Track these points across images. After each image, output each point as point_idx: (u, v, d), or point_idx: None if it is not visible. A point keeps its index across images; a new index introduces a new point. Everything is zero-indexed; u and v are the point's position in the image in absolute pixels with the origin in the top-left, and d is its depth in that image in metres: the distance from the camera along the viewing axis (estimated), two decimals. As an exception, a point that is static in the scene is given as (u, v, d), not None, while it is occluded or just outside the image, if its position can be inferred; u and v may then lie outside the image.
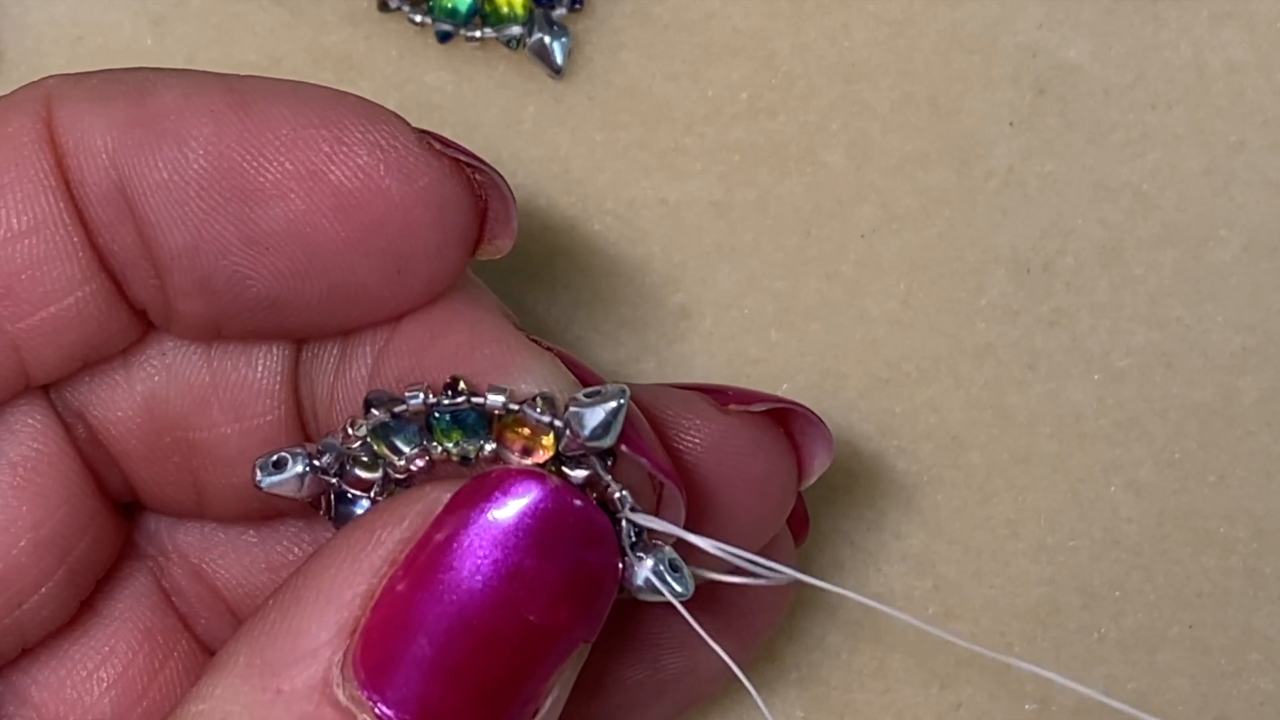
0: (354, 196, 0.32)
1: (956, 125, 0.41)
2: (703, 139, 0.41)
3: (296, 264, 0.32)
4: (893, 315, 0.41)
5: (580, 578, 0.31)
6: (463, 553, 0.30)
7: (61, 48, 0.41)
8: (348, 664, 0.30)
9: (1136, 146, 0.41)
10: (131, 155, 0.32)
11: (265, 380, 0.34)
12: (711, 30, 0.41)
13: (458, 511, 0.31)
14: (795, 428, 0.36)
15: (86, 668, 0.34)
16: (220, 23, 0.41)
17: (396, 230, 0.32)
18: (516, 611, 0.30)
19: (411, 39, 0.41)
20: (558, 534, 0.31)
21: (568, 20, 0.41)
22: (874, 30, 0.41)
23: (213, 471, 0.34)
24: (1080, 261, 0.41)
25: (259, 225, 0.32)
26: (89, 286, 0.32)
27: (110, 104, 0.32)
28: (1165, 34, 0.41)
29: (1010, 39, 0.41)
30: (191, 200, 0.32)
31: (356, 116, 0.32)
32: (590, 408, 0.31)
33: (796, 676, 0.41)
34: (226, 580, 0.36)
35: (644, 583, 0.32)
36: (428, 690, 0.30)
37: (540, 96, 0.41)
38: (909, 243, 0.41)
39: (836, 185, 0.41)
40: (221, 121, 0.32)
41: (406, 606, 0.30)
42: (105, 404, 0.34)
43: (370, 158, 0.32)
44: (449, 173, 0.32)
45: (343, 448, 0.32)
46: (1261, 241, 0.40)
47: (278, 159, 0.32)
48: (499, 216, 0.33)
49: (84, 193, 0.32)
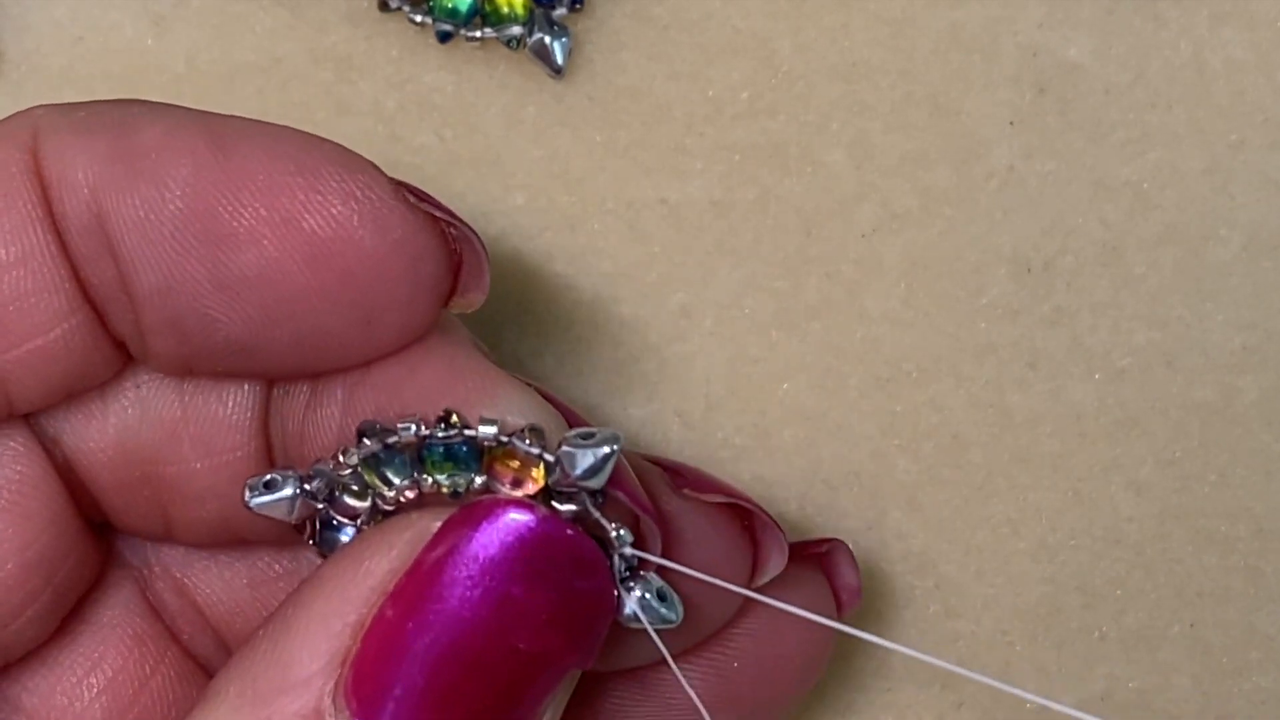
0: (326, 246, 0.32)
1: (957, 125, 0.41)
2: (703, 139, 0.41)
3: (266, 310, 0.32)
4: (893, 314, 0.41)
5: (572, 605, 0.31)
6: (452, 581, 0.30)
7: (62, 48, 0.41)
8: (339, 694, 0.30)
9: (1137, 146, 0.41)
10: (111, 190, 0.32)
11: (235, 416, 0.34)
12: (712, 30, 0.41)
13: (446, 540, 0.31)
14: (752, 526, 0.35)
15: (76, 674, 0.35)
16: (221, 23, 0.41)
17: (368, 281, 0.32)
18: (506, 640, 0.30)
19: (412, 39, 0.41)
20: (547, 562, 0.31)
21: (568, 20, 0.41)
22: (874, 30, 0.41)
23: (181, 505, 0.34)
24: (1081, 261, 0.41)
25: (230, 269, 0.32)
26: (74, 319, 0.32)
27: (93, 138, 0.32)
28: (1165, 33, 0.41)
29: (1011, 38, 0.41)
30: (165, 240, 0.32)
31: (333, 165, 0.32)
32: (582, 450, 0.31)
33: (797, 676, 0.41)
34: (208, 596, 0.36)
35: (633, 612, 0.32)
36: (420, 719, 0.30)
37: (540, 96, 0.41)
38: (909, 242, 0.41)
39: (837, 185, 0.41)
40: (200, 162, 0.32)
41: (397, 636, 0.30)
42: (79, 434, 0.34)
43: (344, 208, 0.32)
44: (423, 226, 0.32)
45: (334, 474, 0.32)
46: (1262, 240, 0.40)
47: (252, 204, 0.32)
48: (472, 270, 0.33)
49: (66, 225, 0.32)
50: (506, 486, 0.31)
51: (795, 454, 0.41)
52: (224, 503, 0.34)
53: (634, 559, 0.32)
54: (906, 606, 0.40)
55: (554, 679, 0.31)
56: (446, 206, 0.33)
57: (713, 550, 0.34)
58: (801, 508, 0.41)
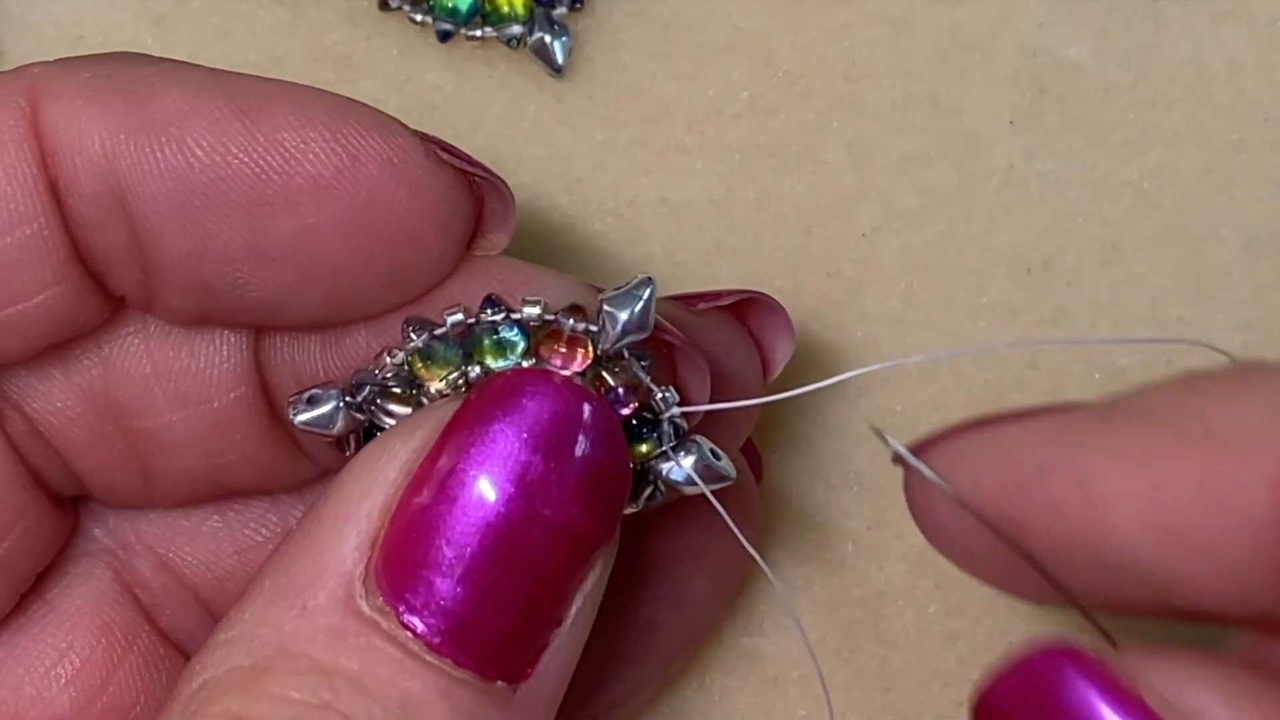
0: (363, 211, 0.32)
1: (957, 124, 0.41)
2: (703, 138, 0.41)
3: (300, 273, 0.32)
4: (894, 314, 0.41)
5: (593, 475, 0.31)
6: (475, 456, 0.30)
7: (62, 47, 0.41)
8: (370, 576, 0.30)
9: (1137, 145, 0.41)
10: (132, 162, 0.31)
11: (214, 366, 0.34)
12: (712, 29, 0.41)
13: (468, 417, 0.31)
14: (756, 320, 0.36)
15: (44, 664, 0.35)
16: (221, 22, 0.41)
17: (403, 242, 0.32)
18: (532, 508, 0.30)
19: (412, 38, 0.41)
20: (567, 431, 0.31)
21: (568, 19, 0.41)
22: (875, 29, 0.41)
23: (160, 457, 0.34)
24: (1081, 260, 0.41)
25: (266, 237, 0.32)
26: (61, 285, 0.32)
27: (107, 105, 0.31)
28: (1166, 33, 0.41)
29: (1011, 38, 0.41)
30: (196, 210, 0.31)
31: (365, 128, 0.32)
32: (622, 300, 0.32)
33: (798, 675, 0.41)
34: (194, 567, 0.36)
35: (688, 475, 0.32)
36: (450, 596, 0.30)
37: (541, 96, 0.41)
38: (910, 242, 0.41)
39: (837, 184, 0.41)
40: (226, 130, 0.31)
41: (424, 514, 0.30)
42: (42, 395, 0.34)
43: (381, 172, 0.32)
44: (454, 183, 0.32)
45: (378, 378, 0.32)
46: (1263, 240, 0.40)
47: (286, 171, 0.31)
48: (496, 214, 0.33)
49: (73, 193, 0.32)
50: (556, 367, 0.32)
51: (795, 453, 0.41)
52: (204, 452, 0.34)
53: (681, 423, 0.33)
54: (907, 606, 0.40)
55: (583, 556, 0.31)
56: (472, 157, 0.33)
57: (734, 362, 0.35)
58: (801, 508, 0.41)
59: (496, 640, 0.30)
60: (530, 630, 0.31)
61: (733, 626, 0.41)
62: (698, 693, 0.41)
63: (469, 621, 0.30)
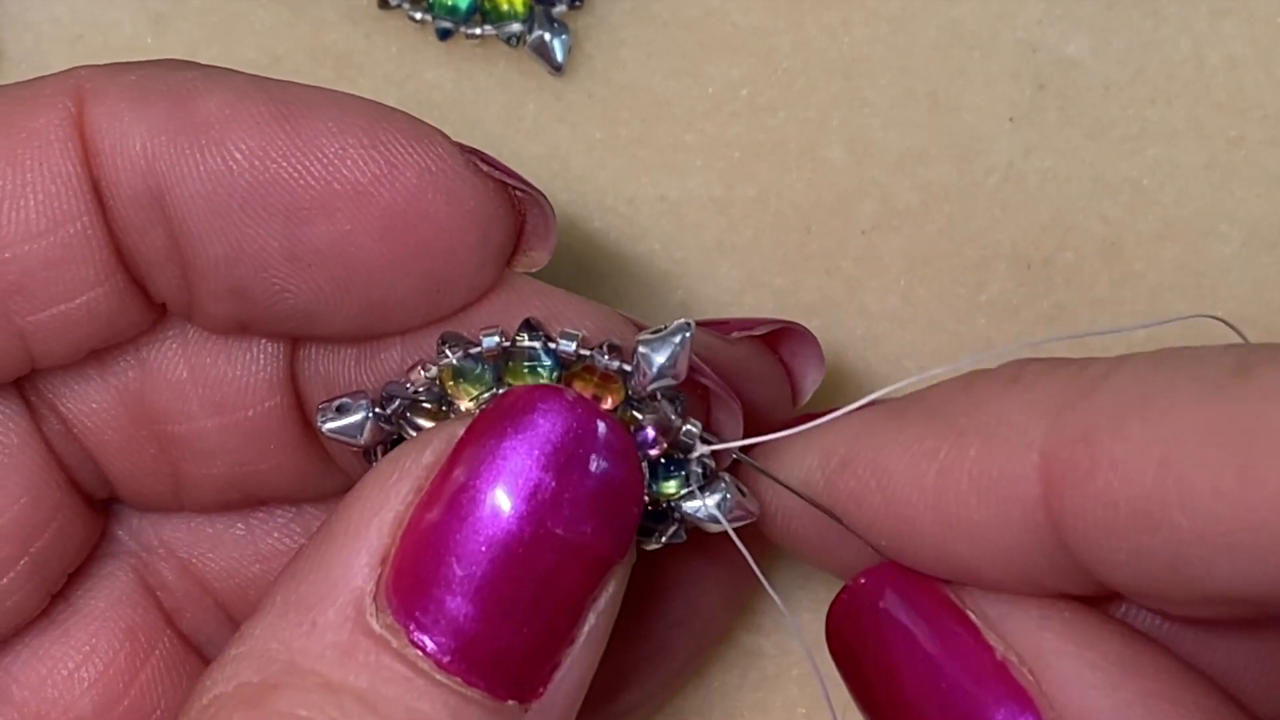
0: (400, 219, 0.31)
1: (956, 121, 0.41)
2: (703, 136, 0.41)
3: (336, 280, 0.32)
4: (893, 311, 0.41)
5: (605, 493, 0.31)
6: (486, 471, 0.30)
7: (61, 46, 0.41)
8: (380, 593, 0.30)
9: (1136, 142, 0.41)
10: (172, 164, 0.31)
11: (249, 375, 0.34)
12: (711, 27, 0.41)
13: (480, 433, 0.31)
14: (787, 349, 0.36)
15: (68, 667, 0.35)
16: (220, 21, 0.41)
17: (439, 251, 0.32)
18: (543, 525, 0.30)
19: (411, 36, 0.41)
20: (580, 448, 0.31)
21: (568, 17, 0.41)
22: (874, 26, 0.41)
23: (191, 463, 0.34)
24: (1080, 257, 0.41)
25: (303, 242, 0.32)
26: (104, 287, 0.32)
27: (149, 107, 0.31)
28: (1165, 29, 0.41)
29: (1010, 35, 0.41)
30: (234, 213, 0.31)
31: (405, 136, 0.32)
32: (658, 344, 0.32)
33: (798, 674, 0.41)
34: (216, 572, 0.36)
35: (713, 515, 0.33)
36: (461, 614, 0.30)
37: (540, 94, 0.41)
38: (909, 239, 0.41)
39: (837, 181, 0.41)
40: (266, 134, 0.31)
41: (435, 531, 0.30)
42: (78, 396, 0.34)
43: (419, 180, 0.31)
44: (493, 193, 0.32)
45: (409, 392, 0.32)
46: (1262, 236, 0.40)
47: (324, 177, 0.31)
48: (538, 230, 0.33)
49: (115, 194, 0.32)
50: None
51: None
52: (236, 460, 0.34)
53: (710, 462, 0.33)
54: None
55: (595, 572, 0.31)
56: (513, 170, 0.33)
57: (766, 391, 0.35)
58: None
59: (507, 659, 0.30)
60: (542, 648, 0.30)
61: (733, 625, 0.41)
62: (698, 691, 0.41)
63: (479, 640, 0.30)
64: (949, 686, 0.31)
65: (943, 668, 0.31)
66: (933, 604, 0.32)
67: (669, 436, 0.32)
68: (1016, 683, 0.30)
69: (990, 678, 0.31)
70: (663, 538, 0.33)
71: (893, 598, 0.32)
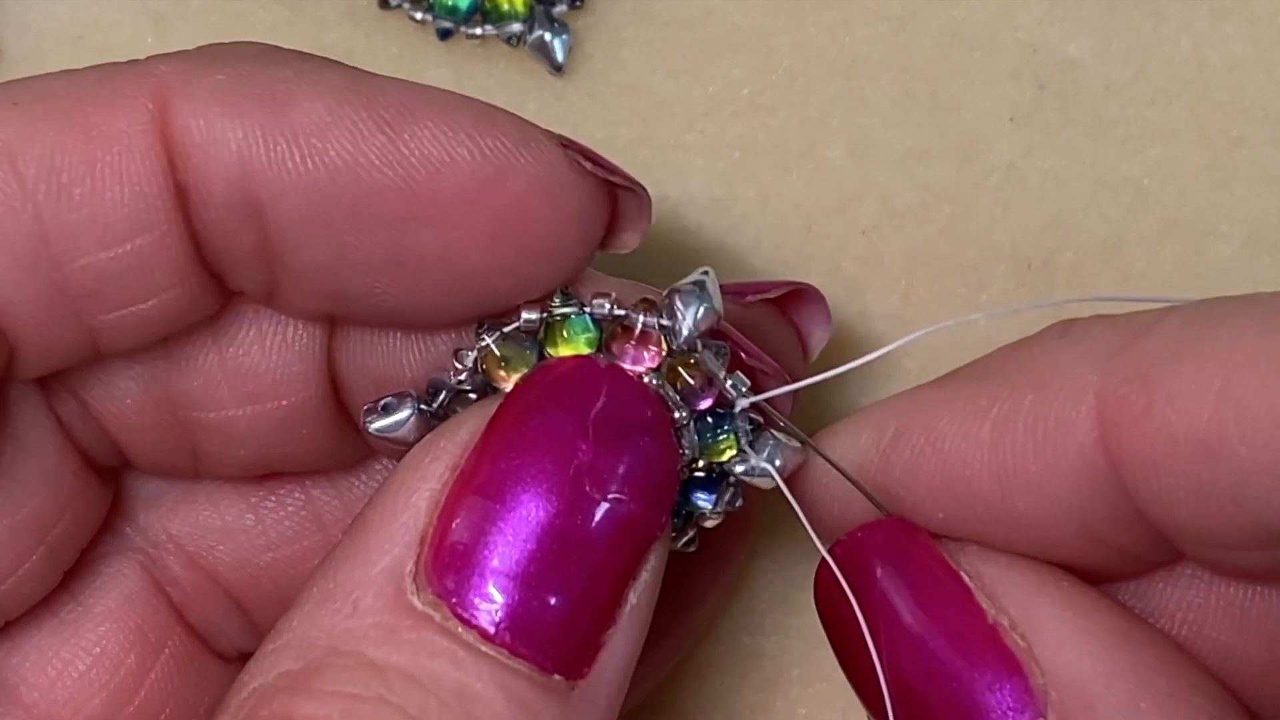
0: (508, 225, 0.31)
1: (957, 121, 0.41)
2: (703, 136, 0.41)
3: (440, 286, 0.31)
4: (894, 311, 0.41)
5: (641, 461, 0.31)
6: (522, 442, 0.30)
7: (62, 46, 0.41)
8: (420, 573, 0.30)
9: (1137, 142, 0.41)
10: (271, 173, 0.30)
11: (282, 368, 0.33)
12: (712, 27, 0.41)
13: (514, 406, 0.31)
14: (795, 309, 0.37)
15: (78, 668, 0.34)
16: (220, 21, 0.41)
17: (543, 253, 0.32)
18: (581, 492, 0.30)
19: (412, 36, 0.41)
20: (615, 416, 0.31)
21: (568, 17, 0.41)
22: (874, 26, 0.41)
23: (218, 445, 0.34)
24: (1081, 257, 0.41)
25: (407, 250, 0.31)
26: (178, 289, 0.32)
27: (245, 112, 0.30)
28: (1166, 29, 0.41)
29: (1011, 35, 0.41)
30: (336, 222, 0.31)
31: (511, 140, 0.31)
32: (688, 291, 0.32)
33: (798, 674, 0.41)
34: (227, 564, 0.36)
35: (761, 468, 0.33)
36: (503, 586, 0.30)
37: (541, 94, 0.41)
38: (910, 239, 0.41)
39: (837, 181, 0.41)
40: (369, 140, 0.30)
41: (472, 505, 0.30)
42: (101, 383, 0.34)
43: (526, 186, 0.31)
44: (595, 193, 0.32)
45: (451, 382, 0.32)
46: (1263, 236, 0.40)
47: (430, 185, 0.31)
48: (630, 215, 0.33)
49: (205, 200, 0.31)
50: (629, 363, 0.32)
51: (796, 450, 0.41)
52: (264, 443, 0.34)
53: (758, 418, 0.33)
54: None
55: (632, 543, 0.30)
56: (613, 164, 0.32)
57: (784, 350, 0.36)
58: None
59: (551, 631, 0.30)
60: (585, 623, 0.30)
61: (733, 625, 0.41)
62: (698, 691, 0.41)
63: (523, 611, 0.29)
64: (936, 646, 0.31)
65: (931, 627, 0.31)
66: (925, 562, 0.32)
67: (715, 387, 0.32)
68: (1006, 646, 0.30)
69: (979, 640, 0.31)
70: (720, 506, 0.33)
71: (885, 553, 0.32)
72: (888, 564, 0.32)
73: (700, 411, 0.32)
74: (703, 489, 0.33)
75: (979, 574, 0.31)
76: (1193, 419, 0.28)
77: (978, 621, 0.31)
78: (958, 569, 0.31)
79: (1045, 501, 0.30)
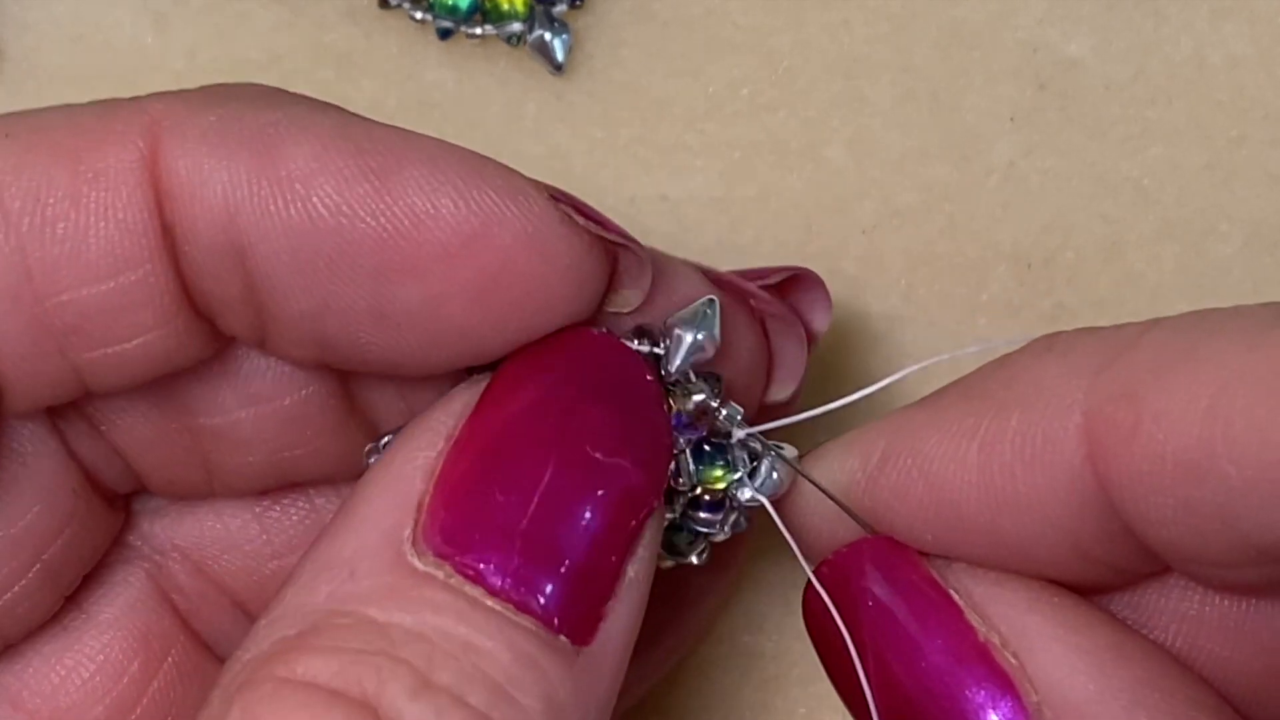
0: (494, 281, 0.30)
1: (957, 121, 0.41)
2: (704, 135, 0.41)
3: (426, 338, 0.31)
4: (894, 311, 0.41)
5: (637, 424, 0.31)
6: (520, 404, 0.30)
7: (62, 46, 0.41)
8: (419, 538, 0.29)
9: (1137, 141, 0.41)
10: (255, 218, 0.30)
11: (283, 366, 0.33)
12: (712, 26, 0.41)
13: (510, 371, 0.31)
14: (796, 295, 0.36)
15: (81, 675, 0.34)
16: (221, 21, 0.41)
17: (533, 310, 0.31)
18: (580, 448, 0.30)
19: (412, 36, 0.41)
20: (609, 376, 0.31)
21: (568, 17, 0.41)
22: (874, 25, 0.41)
23: (227, 453, 0.34)
24: (1081, 257, 0.41)
25: (391, 303, 0.31)
26: (164, 329, 0.31)
27: (232, 155, 0.30)
28: (1166, 29, 0.41)
29: (1011, 34, 0.41)
30: (319, 271, 0.30)
31: (499, 193, 0.30)
32: (688, 320, 0.32)
33: (798, 674, 0.41)
34: (233, 572, 0.35)
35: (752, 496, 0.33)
36: (505, 542, 0.29)
37: (541, 93, 0.41)
38: (910, 238, 0.41)
39: (837, 181, 0.41)
40: (353, 189, 0.30)
41: (470, 468, 0.30)
42: (107, 402, 0.33)
43: (514, 240, 0.30)
44: (588, 248, 0.31)
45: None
46: (1263, 236, 0.40)
47: (414, 237, 0.30)
48: (630, 273, 0.32)
49: (190, 242, 0.31)
50: None
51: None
52: (273, 447, 0.34)
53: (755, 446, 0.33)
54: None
55: (630, 507, 0.30)
56: (606, 218, 0.32)
57: (788, 338, 0.35)
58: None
59: (555, 590, 0.29)
60: (587, 585, 0.30)
61: (733, 625, 0.41)
62: (698, 692, 0.41)
63: (526, 570, 0.29)
64: (928, 666, 0.31)
65: (921, 647, 0.31)
66: (914, 580, 0.31)
67: (708, 418, 0.32)
68: (998, 664, 0.30)
69: (970, 658, 0.30)
70: (725, 529, 0.33)
71: (873, 572, 0.32)
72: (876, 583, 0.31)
73: (695, 441, 0.32)
74: (707, 510, 0.33)
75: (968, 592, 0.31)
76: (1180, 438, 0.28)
77: (968, 640, 0.31)
78: (947, 587, 0.31)
79: (1035, 520, 0.30)
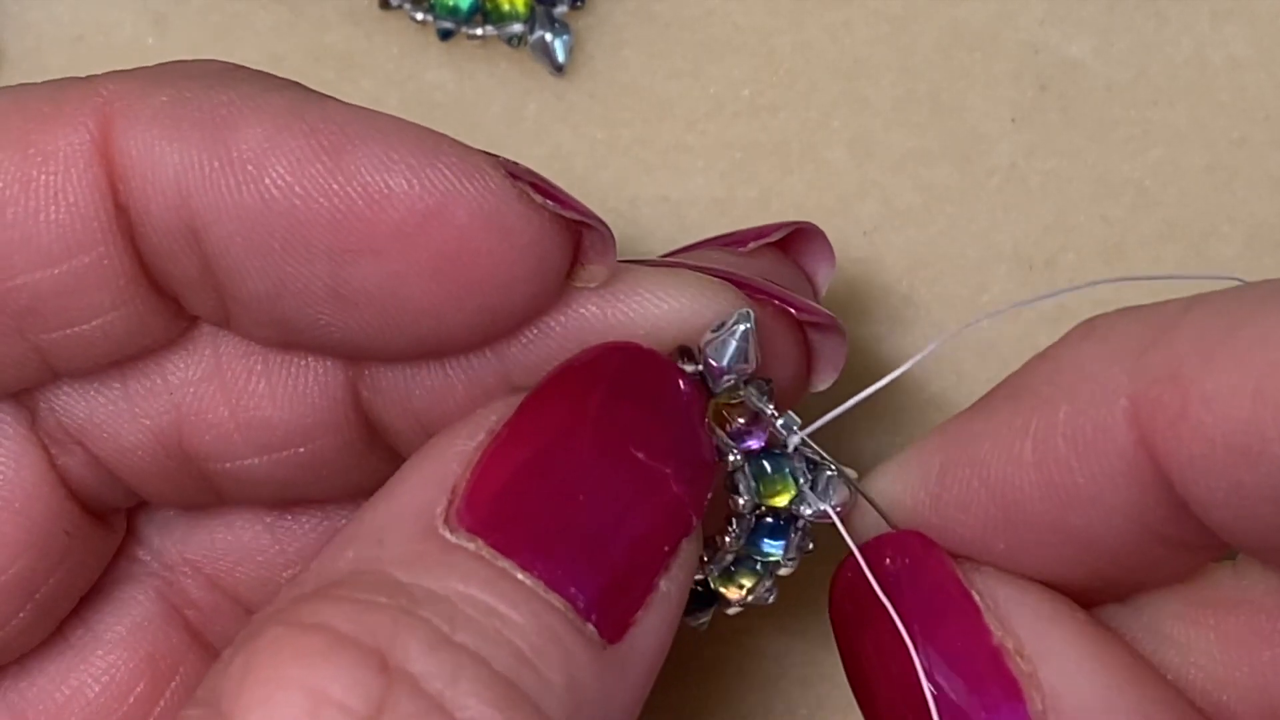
0: (451, 258, 0.30)
1: (958, 122, 0.41)
2: (704, 136, 0.41)
3: (385, 318, 0.31)
4: (895, 312, 0.41)
5: (681, 436, 0.30)
6: (562, 404, 0.30)
7: (61, 46, 0.41)
8: (452, 516, 0.29)
9: (1138, 143, 0.41)
10: (207, 200, 0.30)
11: (298, 418, 0.33)
12: (713, 27, 0.41)
13: (550, 379, 0.30)
14: (797, 249, 0.36)
15: (87, 695, 0.34)
16: (221, 21, 0.41)
17: (493, 287, 0.31)
18: (624, 446, 0.30)
19: (413, 37, 0.41)
20: (653, 386, 0.30)
21: (569, 17, 0.41)
22: (875, 26, 0.41)
23: (235, 488, 0.34)
24: (1082, 258, 0.41)
25: (348, 282, 0.30)
26: (121, 310, 0.31)
27: (184, 136, 0.30)
28: (1167, 30, 0.41)
29: (1012, 35, 0.41)
30: (274, 252, 0.30)
31: (454, 171, 0.30)
32: (722, 340, 0.31)
33: (800, 675, 0.41)
34: (247, 583, 0.35)
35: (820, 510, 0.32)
36: (541, 527, 0.29)
37: (542, 94, 0.41)
38: (911, 240, 0.41)
39: (838, 182, 0.41)
40: (306, 169, 0.30)
41: (509, 454, 0.29)
42: (109, 437, 0.33)
43: (470, 218, 0.30)
44: (547, 225, 0.31)
45: None
46: (1264, 237, 0.40)
47: (369, 216, 0.30)
48: (595, 249, 0.32)
49: (144, 223, 0.30)
50: None
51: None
52: (285, 484, 0.33)
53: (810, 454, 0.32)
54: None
55: (670, 515, 0.30)
56: (566, 196, 0.31)
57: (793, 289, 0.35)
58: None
59: (588, 577, 0.29)
60: (621, 582, 0.29)
61: (733, 625, 0.41)
62: (698, 692, 0.41)
63: (561, 554, 0.29)
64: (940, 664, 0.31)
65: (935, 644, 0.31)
66: (938, 577, 0.31)
67: (762, 425, 0.32)
68: (1008, 669, 0.30)
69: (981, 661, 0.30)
70: (791, 553, 0.33)
71: (898, 568, 0.31)
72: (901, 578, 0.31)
73: (753, 452, 0.32)
74: (769, 535, 0.33)
75: (993, 595, 0.31)
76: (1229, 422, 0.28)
77: (982, 642, 0.30)
78: (970, 588, 0.31)
79: (1101, 510, 0.30)
